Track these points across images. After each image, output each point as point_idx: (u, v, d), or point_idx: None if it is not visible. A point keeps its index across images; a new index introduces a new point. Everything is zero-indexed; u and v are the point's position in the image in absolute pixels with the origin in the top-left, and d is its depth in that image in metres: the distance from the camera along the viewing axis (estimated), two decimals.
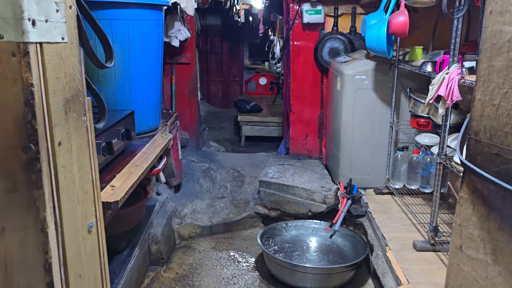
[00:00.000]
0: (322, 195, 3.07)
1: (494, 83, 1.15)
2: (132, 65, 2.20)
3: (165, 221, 2.86)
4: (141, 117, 2.30)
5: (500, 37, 1.13)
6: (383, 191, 3.18)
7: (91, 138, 1.04)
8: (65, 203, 0.91)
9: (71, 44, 0.94)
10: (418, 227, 2.63)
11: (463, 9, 1.98)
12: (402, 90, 3.11)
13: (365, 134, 3.20)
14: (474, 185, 1.24)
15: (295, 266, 2.51)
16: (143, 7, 2.19)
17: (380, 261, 2.41)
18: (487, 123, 1.18)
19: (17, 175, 0.84)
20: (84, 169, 1.00)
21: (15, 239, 0.86)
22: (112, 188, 1.57)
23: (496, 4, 1.14)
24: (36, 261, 0.87)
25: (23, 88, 0.80)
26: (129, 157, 1.95)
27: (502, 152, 1.13)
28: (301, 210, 3.12)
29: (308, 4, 3.78)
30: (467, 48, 2.51)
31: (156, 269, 2.69)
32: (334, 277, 2.50)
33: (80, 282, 0.99)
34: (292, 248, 2.83)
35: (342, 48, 3.71)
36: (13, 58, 0.79)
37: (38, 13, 0.81)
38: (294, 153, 4.20)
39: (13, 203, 0.85)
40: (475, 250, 1.25)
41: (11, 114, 0.81)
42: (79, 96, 0.98)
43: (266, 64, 6.95)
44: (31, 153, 0.82)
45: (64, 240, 0.91)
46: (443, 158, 2.22)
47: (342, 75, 3.18)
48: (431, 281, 2.09)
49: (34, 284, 0.88)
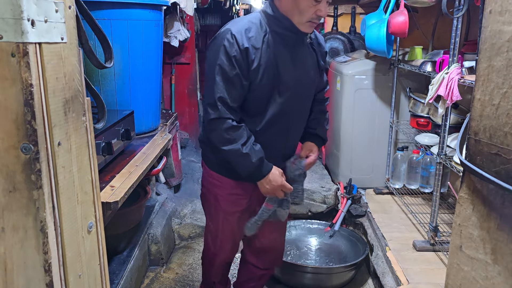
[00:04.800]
0: (322, 195, 3.06)
1: (493, 83, 1.15)
2: (132, 65, 2.20)
3: (165, 221, 2.86)
4: (141, 117, 2.30)
5: (499, 37, 1.13)
6: (383, 191, 3.18)
7: (91, 138, 1.04)
8: (64, 203, 0.91)
9: (70, 44, 0.94)
10: (418, 227, 2.63)
11: (463, 9, 1.98)
12: (402, 90, 3.11)
13: (365, 134, 3.20)
14: (474, 185, 1.24)
15: (295, 266, 2.51)
16: (143, 7, 2.18)
17: (380, 261, 2.41)
18: (486, 123, 1.18)
19: (16, 176, 0.84)
20: (84, 169, 1.00)
21: (14, 240, 0.86)
22: (112, 188, 1.57)
23: (496, 4, 1.14)
24: (36, 261, 0.87)
25: (22, 88, 0.80)
26: (128, 157, 1.95)
27: (501, 152, 1.13)
28: (301, 210, 3.11)
29: None
30: (467, 48, 2.51)
31: (156, 269, 2.69)
32: (334, 277, 2.50)
33: (80, 282, 0.99)
34: (292, 248, 2.82)
35: (341, 48, 3.71)
36: (13, 59, 0.79)
37: (38, 13, 0.81)
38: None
39: (12, 204, 0.85)
40: (475, 250, 1.25)
41: (11, 114, 0.81)
42: (79, 96, 0.98)
43: None
44: (31, 153, 0.82)
45: (63, 240, 0.91)
46: (443, 158, 2.22)
47: (342, 75, 3.18)
48: (431, 281, 2.09)
49: (33, 284, 0.88)
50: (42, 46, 0.83)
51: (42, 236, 0.86)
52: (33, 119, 0.81)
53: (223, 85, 1.56)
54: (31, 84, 0.80)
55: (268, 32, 1.60)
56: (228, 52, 1.54)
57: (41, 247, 0.86)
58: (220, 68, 1.55)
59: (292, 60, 1.66)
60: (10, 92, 0.80)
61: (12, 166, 0.83)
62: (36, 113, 0.82)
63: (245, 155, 1.60)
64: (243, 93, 1.60)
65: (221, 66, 1.55)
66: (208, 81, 1.61)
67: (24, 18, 0.78)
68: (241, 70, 1.56)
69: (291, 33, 1.63)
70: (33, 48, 0.81)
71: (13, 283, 0.88)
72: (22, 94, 0.80)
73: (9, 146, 0.82)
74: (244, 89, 1.60)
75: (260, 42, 1.58)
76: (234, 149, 1.59)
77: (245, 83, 1.59)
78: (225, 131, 1.58)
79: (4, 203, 0.85)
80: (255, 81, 1.60)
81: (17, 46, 0.79)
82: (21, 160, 0.83)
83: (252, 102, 1.64)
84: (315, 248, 2.86)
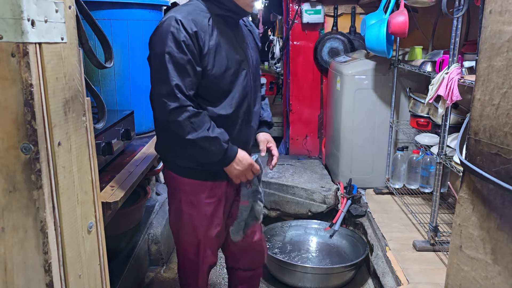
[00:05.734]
0: (322, 195, 3.06)
1: (493, 83, 1.15)
2: (132, 65, 2.20)
3: (165, 221, 2.86)
4: (141, 117, 2.30)
5: (499, 37, 1.13)
6: (383, 191, 3.18)
7: (91, 138, 1.04)
8: (64, 203, 0.91)
9: (70, 44, 0.94)
10: (418, 227, 2.63)
11: (463, 9, 1.98)
12: (402, 90, 3.11)
13: (364, 134, 3.20)
14: (474, 185, 1.24)
15: (295, 266, 2.51)
16: (143, 7, 2.19)
17: (380, 261, 2.41)
18: (486, 123, 1.18)
19: (16, 176, 0.84)
20: (84, 169, 1.00)
21: (14, 240, 0.86)
22: (112, 188, 1.57)
23: (496, 4, 1.14)
24: (36, 261, 0.87)
25: (22, 88, 0.80)
26: (128, 157, 1.95)
27: (501, 152, 1.13)
28: (301, 210, 3.12)
29: (308, 4, 3.78)
30: (467, 48, 2.51)
31: (156, 269, 2.69)
32: (334, 277, 2.50)
33: (80, 282, 0.99)
34: (292, 248, 2.83)
35: (341, 48, 3.71)
36: (13, 59, 0.79)
37: (38, 13, 0.81)
38: (294, 153, 4.20)
39: (12, 204, 0.85)
40: (475, 250, 1.25)
41: (11, 115, 0.81)
42: (79, 96, 0.98)
43: (266, 64, 6.95)
44: (31, 153, 0.82)
45: (63, 240, 0.91)
46: (443, 158, 2.22)
47: (342, 75, 3.18)
48: (431, 281, 2.09)
49: (33, 284, 0.88)
50: (42, 46, 0.83)
51: (42, 236, 0.86)
52: (33, 119, 0.82)
53: (176, 73, 1.48)
54: (31, 84, 0.80)
55: (211, 15, 1.58)
56: (177, 38, 1.48)
57: (41, 247, 0.86)
58: (170, 56, 1.48)
59: (237, 41, 1.66)
60: (10, 92, 0.80)
61: (12, 166, 0.83)
62: (36, 113, 0.82)
63: (214, 139, 1.55)
64: (196, 81, 1.54)
65: (171, 54, 1.48)
66: (157, 73, 1.52)
67: (24, 18, 0.78)
68: (192, 55, 1.50)
69: (233, 14, 1.63)
70: (33, 48, 0.81)
71: (13, 283, 0.88)
72: (22, 94, 0.81)
73: (9, 146, 0.82)
74: (197, 76, 1.54)
75: (206, 26, 1.55)
76: (202, 136, 1.52)
77: (199, 69, 1.53)
78: (188, 119, 1.50)
79: (4, 203, 0.85)
80: (209, 66, 1.55)
81: (17, 46, 0.79)
82: (21, 160, 0.83)
83: (211, 88, 1.59)
84: (315, 248, 2.86)
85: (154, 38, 1.56)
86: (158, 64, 1.52)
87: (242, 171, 1.66)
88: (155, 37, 1.55)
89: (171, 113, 1.50)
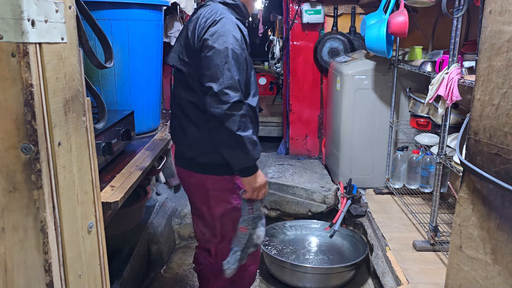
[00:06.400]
0: (322, 195, 3.07)
1: (493, 83, 1.16)
2: (132, 65, 2.20)
3: (165, 221, 2.86)
4: (141, 118, 2.30)
5: (499, 37, 1.13)
6: (383, 191, 3.18)
7: (91, 139, 1.04)
8: (64, 203, 0.91)
9: (70, 44, 0.94)
10: (418, 227, 2.63)
11: (463, 9, 1.98)
12: (402, 90, 3.11)
13: (364, 134, 3.20)
14: (474, 185, 1.24)
15: (295, 266, 2.51)
16: (143, 7, 2.19)
17: (380, 261, 2.41)
18: (486, 123, 1.18)
19: (16, 176, 0.84)
20: (84, 169, 1.00)
21: (15, 239, 0.86)
22: (112, 188, 1.57)
23: (496, 4, 1.14)
24: (36, 261, 0.87)
25: (22, 89, 0.80)
26: (129, 157, 1.95)
27: (501, 152, 1.13)
28: (301, 210, 3.12)
29: (308, 4, 3.78)
30: (467, 48, 2.51)
31: (156, 269, 2.69)
32: (334, 277, 2.50)
33: (80, 282, 0.99)
34: (292, 248, 2.83)
35: (341, 48, 3.71)
36: (13, 59, 0.79)
37: (38, 14, 0.82)
38: (294, 153, 4.20)
39: (12, 204, 0.85)
40: (475, 250, 1.25)
41: (11, 115, 0.81)
42: (79, 97, 0.98)
43: (266, 64, 6.95)
44: (31, 153, 0.82)
45: (63, 240, 0.91)
46: (443, 158, 2.22)
47: (341, 75, 3.18)
48: (431, 281, 2.09)
49: (33, 284, 0.88)
50: (42, 46, 0.83)
51: (42, 236, 0.86)
52: (33, 119, 0.82)
53: (237, 69, 1.55)
54: (31, 84, 0.80)
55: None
56: (236, 37, 1.59)
57: (41, 247, 0.86)
58: (233, 52, 1.55)
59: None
60: (10, 92, 0.81)
61: (12, 166, 0.83)
62: (36, 113, 0.82)
63: (255, 144, 1.59)
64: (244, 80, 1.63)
65: (233, 50, 1.55)
66: (222, 64, 1.54)
67: (24, 18, 0.78)
68: (246, 55, 1.64)
69: (243, 19, 1.77)
70: (33, 48, 0.81)
71: (13, 283, 0.88)
72: (22, 94, 0.81)
73: (9, 146, 0.83)
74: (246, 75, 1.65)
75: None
76: (248, 135, 1.56)
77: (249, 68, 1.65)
78: (242, 116, 1.54)
79: (4, 203, 0.85)
80: (249, 65, 1.67)
81: (17, 46, 0.79)
82: (21, 160, 0.83)
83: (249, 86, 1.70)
84: (315, 248, 2.87)
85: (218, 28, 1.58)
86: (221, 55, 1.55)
87: (260, 185, 1.67)
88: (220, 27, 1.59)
89: (233, 106, 1.52)
